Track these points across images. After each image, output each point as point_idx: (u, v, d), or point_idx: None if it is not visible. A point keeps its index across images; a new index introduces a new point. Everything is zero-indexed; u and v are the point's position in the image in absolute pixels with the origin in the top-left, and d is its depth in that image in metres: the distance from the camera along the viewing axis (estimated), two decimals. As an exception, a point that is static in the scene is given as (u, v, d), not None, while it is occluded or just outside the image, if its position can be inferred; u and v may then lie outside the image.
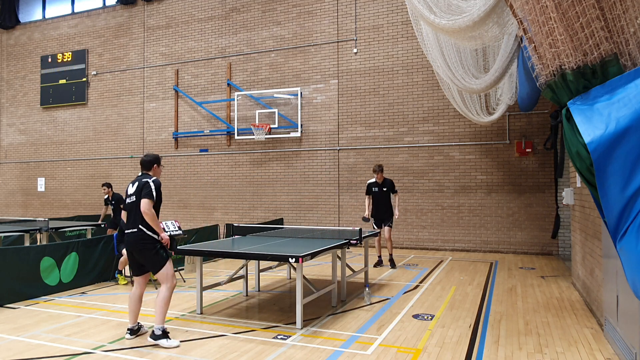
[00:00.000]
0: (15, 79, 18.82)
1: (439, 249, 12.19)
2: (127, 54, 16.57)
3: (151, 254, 4.97)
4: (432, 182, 12.37)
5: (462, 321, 5.78)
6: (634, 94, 2.45)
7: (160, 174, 5.33)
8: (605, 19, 2.50)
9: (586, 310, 6.22)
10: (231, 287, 7.48)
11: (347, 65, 13.34)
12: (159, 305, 4.93)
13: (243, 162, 14.58)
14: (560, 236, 10.81)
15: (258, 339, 5.11)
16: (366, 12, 13.17)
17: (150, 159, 5.24)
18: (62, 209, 17.39)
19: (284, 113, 13.90)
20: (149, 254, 4.98)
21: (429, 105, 12.46)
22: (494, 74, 6.96)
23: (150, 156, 5.27)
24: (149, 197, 4.93)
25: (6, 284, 6.66)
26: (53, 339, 5.14)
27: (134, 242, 4.99)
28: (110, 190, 11.10)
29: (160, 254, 4.99)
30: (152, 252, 4.97)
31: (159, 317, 4.92)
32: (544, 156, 11.34)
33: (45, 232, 9.66)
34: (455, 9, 5.46)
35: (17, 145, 18.68)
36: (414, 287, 7.75)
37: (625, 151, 2.44)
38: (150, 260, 5.02)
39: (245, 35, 14.63)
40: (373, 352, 4.70)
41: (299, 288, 5.45)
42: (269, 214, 14.05)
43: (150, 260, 5.02)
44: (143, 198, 4.91)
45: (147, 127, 16.07)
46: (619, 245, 2.54)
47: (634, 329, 4.03)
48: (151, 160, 5.23)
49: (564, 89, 2.72)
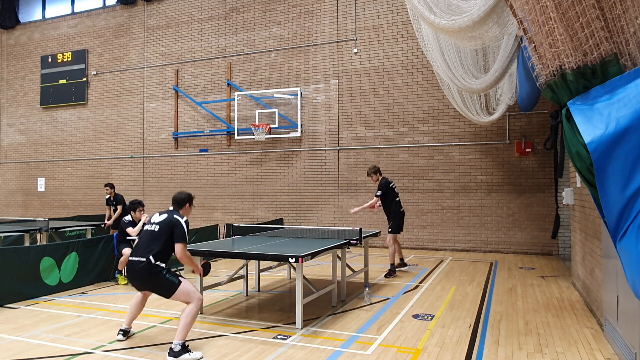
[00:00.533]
0: (15, 79, 18.82)
1: (439, 249, 12.19)
2: (127, 54, 16.57)
3: (158, 280, 4.68)
4: (432, 182, 12.37)
5: (462, 321, 5.78)
6: (634, 94, 2.45)
7: (190, 214, 5.14)
8: (605, 19, 2.50)
9: (586, 310, 6.22)
10: (231, 287, 7.47)
11: (347, 65, 13.34)
12: (183, 318, 4.57)
13: (243, 162, 14.58)
14: (560, 236, 10.81)
15: (258, 339, 5.11)
16: (366, 12, 13.17)
17: (183, 197, 5.07)
18: (62, 209, 17.39)
19: (284, 113, 13.90)
20: (156, 281, 4.69)
21: (429, 105, 12.46)
22: (494, 74, 6.96)
23: (183, 194, 5.10)
24: (183, 241, 4.73)
25: (6, 284, 6.65)
26: (53, 339, 5.14)
27: (139, 272, 4.69)
28: (113, 190, 11.11)
29: (167, 279, 4.67)
30: (158, 278, 4.66)
31: (180, 332, 4.53)
32: (544, 156, 11.34)
33: (45, 232, 9.65)
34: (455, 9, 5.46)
35: (17, 145, 18.68)
36: (414, 287, 7.75)
37: (625, 151, 2.44)
38: (159, 287, 4.73)
39: (245, 35, 14.63)
40: (373, 352, 4.70)
41: (299, 288, 5.45)
42: (269, 214, 14.05)
43: (158, 287, 4.73)
44: (178, 242, 4.70)
45: (147, 127, 16.07)
46: (619, 245, 2.54)
47: (634, 329, 4.03)
48: (184, 199, 5.07)
49: (564, 89, 2.72)
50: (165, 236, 4.75)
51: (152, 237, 4.79)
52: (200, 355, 4.55)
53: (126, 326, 5.15)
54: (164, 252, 4.75)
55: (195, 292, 4.75)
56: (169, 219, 4.83)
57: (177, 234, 4.74)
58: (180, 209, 5.05)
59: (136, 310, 5.14)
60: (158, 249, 4.70)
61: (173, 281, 4.68)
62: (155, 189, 15.80)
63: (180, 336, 4.53)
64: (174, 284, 4.67)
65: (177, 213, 4.93)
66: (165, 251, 4.76)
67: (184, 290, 4.69)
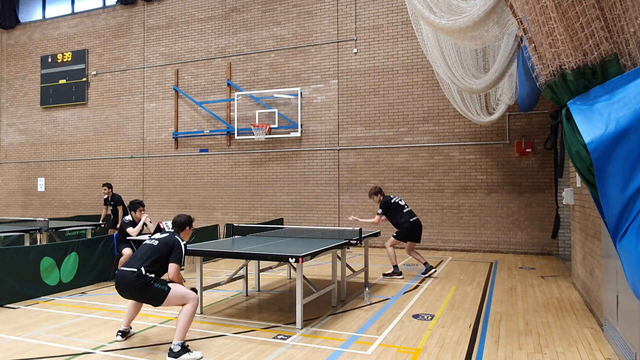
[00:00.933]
0: (15, 79, 18.82)
1: (439, 249, 12.19)
2: (127, 54, 16.57)
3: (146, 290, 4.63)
4: (432, 182, 12.38)
5: (462, 321, 5.78)
6: (634, 94, 2.45)
7: (189, 237, 5.20)
8: (605, 19, 2.50)
9: (586, 310, 6.22)
10: (231, 287, 7.47)
11: (347, 65, 13.34)
12: (181, 318, 4.57)
13: (243, 162, 14.58)
14: (560, 236, 10.81)
15: (258, 339, 5.11)
16: (366, 12, 13.18)
17: (184, 221, 5.13)
18: (62, 209, 17.39)
19: (284, 113, 13.90)
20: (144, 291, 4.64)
21: (429, 105, 12.46)
22: (494, 74, 6.96)
23: (184, 217, 5.16)
24: (179, 263, 4.76)
25: (6, 284, 6.65)
26: (53, 339, 5.14)
27: (128, 282, 4.64)
28: (110, 190, 11.11)
29: (155, 288, 4.62)
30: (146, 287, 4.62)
31: (179, 333, 4.54)
32: (544, 156, 11.34)
33: (45, 232, 9.65)
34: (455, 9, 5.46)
35: (17, 145, 18.68)
36: (414, 287, 7.75)
37: (625, 151, 2.44)
38: (147, 297, 4.70)
39: (245, 35, 14.63)
40: (373, 352, 4.70)
41: (299, 288, 5.45)
42: (269, 214, 14.05)
43: (146, 297, 4.71)
44: (173, 262, 4.73)
45: (147, 127, 16.07)
46: (619, 245, 2.54)
47: (634, 329, 4.03)
48: (185, 222, 5.13)
49: (564, 89, 2.72)
50: (162, 253, 4.76)
51: (149, 251, 4.80)
52: (200, 355, 4.55)
53: (124, 327, 5.15)
54: (157, 266, 4.74)
55: (188, 292, 4.72)
56: (169, 238, 4.87)
57: (174, 255, 4.76)
58: (181, 231, 5.10)
59: (133, 311, 5.13)
60: (152, 262, 4.71)
61: (162, 289, 4.65)
62: (155, 189, 15.80)
63: (180, 336, 4.52)
64: (163, 292, 4.64)
65: (178, 235, 4.98)
66: (159, 266, 4.75)
67: (175, 294, 4.67)
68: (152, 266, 4.70)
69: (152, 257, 4.73)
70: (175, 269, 4.74)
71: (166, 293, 4.64)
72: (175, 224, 5.13)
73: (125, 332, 5.13)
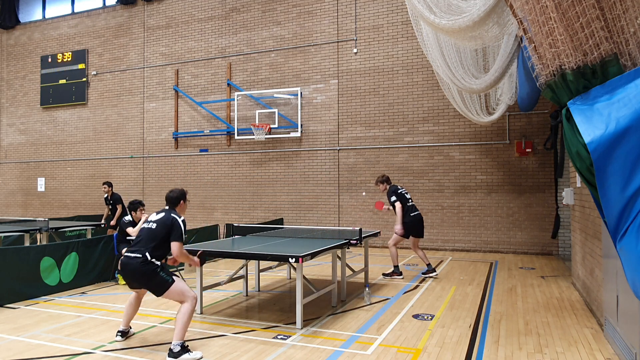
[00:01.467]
0: (15, 79, 18.82)
1: (439, 249, 12.19)
2: (127, 54, 16.57)
3: (152, 277, 4.63)
4: (432, 182, 12.37)
5: (462, 321, 5.78)
6: (634, 94, 2.45)
7: (185, 210, 5.12)
8: (605, 19, 2.50)
9: (586, 310, 6.22)
10: (231, 287, 7.47)
11: (347, 65, 13.34)
12: (180, 318, 4.54)
13: (243, 162, 14.58)
14: (560, 236, 10.81)
15: (258, 339, 5.11)
16: (366, 12, 13.17)
17: (177, 195, 5.01)
18: (62, 209, 17.39)
19: (284, 113, 13.90)
20: (149, 277, 4.64)
21: (429, 105, 12.46)
22: (494, 74, 6.96)
23: (176, 192, 5.03)
24: (180, 240, 4.72)
25: (6, 284, 6.65)
26: (53, 339, 5.14)
27: (133, 267, 4.63)
28: (110, 189, 11.11)
29: (161, 276, 4.63)
30: (152, 275, 4.62)
31: (178, 333, 4.51)
32: (544, 156, 11.34)
33: (45, 232, 9.66)
34: (455, 9, 5.46)
35: (17, 145, 18.68)
36: (414, 287, 7.75)
37: (625, 151, 2.44)
38: (151, 284, 4.67)
39: (245, 35, 14.63)
40: (373, 352, 4.70)
41: (299, 288, 5.45)
42: (269, 214, 14.05)
43: (150, 284, 4.68)
44: (175, 241, 4.69)
45: (147, 127, 16.07)
46: (619, 245, 2.54)
47: (634, 329, 4.03)
48: (178, 197, 5.02)
49: (564, 89, 2.72)
50: (163, 234, 4.74)
51: (149, 234, 4.78)
52: (200, 355, 4.54)
53: (123, 327, 5.15)
54: (161, 249, 4.74)
55: (188, 290, 4.72)
56: (166, 217, 4.82)
57: (174, 234, 4.73)
58: (176, 207, 5.03)
59: (131, 310, 5.13)
60: (155, 247, 4.70)
61: (166, 279, 4.65)
62: (155, 189, 15.80)
63: (179, 336, 4.52)
64: (167, 282, 4.64)
65: (174, 212, 4.92)
66: (162, 249, 4.75)
67: (177, 289, 4.66)
68: (155, 250, 4.69)
69: (154, 241, 4.72)
70: (178, 247, 4.71)
71: (170, 284, 4.64)
72: (169, 201, 5.02)
73: (124, 332, 5.13)
